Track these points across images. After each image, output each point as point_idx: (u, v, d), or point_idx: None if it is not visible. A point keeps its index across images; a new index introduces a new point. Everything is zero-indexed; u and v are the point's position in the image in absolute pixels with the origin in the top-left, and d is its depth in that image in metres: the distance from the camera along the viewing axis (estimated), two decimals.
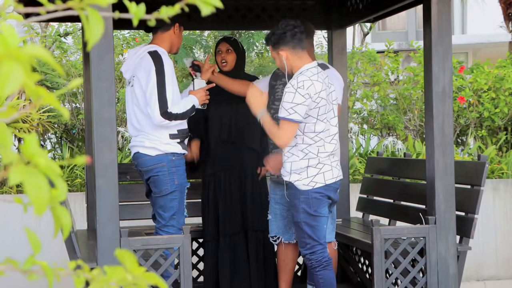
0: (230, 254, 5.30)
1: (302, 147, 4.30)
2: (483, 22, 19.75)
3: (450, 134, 4.48)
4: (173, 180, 4.57)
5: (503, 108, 8.49)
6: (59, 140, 8.37)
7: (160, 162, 4.57)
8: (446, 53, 4.45)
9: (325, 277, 4.39)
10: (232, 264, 5.30)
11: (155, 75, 4.50)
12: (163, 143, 4.58)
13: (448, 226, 4.47)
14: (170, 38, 4.71)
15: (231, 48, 5.34)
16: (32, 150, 1.08)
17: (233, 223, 5.31)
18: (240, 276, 5.31)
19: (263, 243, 5.34)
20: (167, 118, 4.50)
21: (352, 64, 9.33)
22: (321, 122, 4.30)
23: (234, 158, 5.33)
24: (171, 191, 4.57)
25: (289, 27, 4.33)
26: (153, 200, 4.70)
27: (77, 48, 9.29)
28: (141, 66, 4.57)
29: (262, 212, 5.29)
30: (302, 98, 4.19)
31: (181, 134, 4.64)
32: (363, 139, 9.22)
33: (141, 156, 4.60)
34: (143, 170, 4.64)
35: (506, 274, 7.16)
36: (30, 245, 1.16)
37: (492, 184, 7.17)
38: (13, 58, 1.03)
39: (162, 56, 4.56)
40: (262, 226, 5.28)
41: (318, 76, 4.30)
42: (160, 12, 1.23)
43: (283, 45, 4.34)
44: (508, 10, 12.08)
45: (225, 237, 5.30)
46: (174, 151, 4.60)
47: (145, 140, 4.57)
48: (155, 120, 4.50)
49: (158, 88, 4.49)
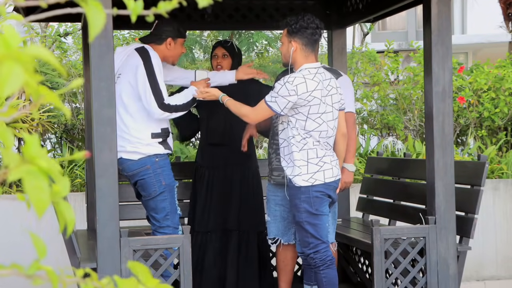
0: (198, 251, 5.26)
1: (298, 138, 4.33)
2: (483, 22, 19.74)
3: (450, 134, 4.48)
4: (159, 181, 4.56)
5: (503, 108, 8.49)
6: (59, 140, 8.37)
7: (144, 165, 4.55)
8: (446, 53, 4.45)
9: (328, 276, 4.39)
10: (199, 262, 5.28)
11: (144, 70, 4.50)
12: (144, 144, 4.54)
13: (448, 226, 4.47)
14: (162, 52, 4.73)
15: (227, 53, 5.37)
16: (33, 151, 1.08)
17: (209, 222, 5.28)
18: (208, 276, 5.27)
19: (246, 244, 5.31)
20: (166, 110, 4.50)
21: (352, 64, 9.33)
22: (313, 122, 4.31)
23: (221, 157, 5.33)
24: (159, 192, 4.57)
25: (313, 25, 4.37)
26: (144, 203, 4.71)
27: (77, 48, 9.29)
28: (127, 63, 4.58)
29: (251, 212, 5.28)
30: (287, 92, 4.23)
31: (164, 133, 4.62)
32: (363, 139, 9.22)
33: (125, 161, 4.58)
34: (128, 175, 4.62)
35: (506, 274, 7.16)
36: (30, 245, 1.16)
37: (492, 184, 7.16)
38: (14, 58, 1.03)
39: (149, 51, 4.58)
40: (246, 227, 5.28)
41: (314, 76, 4.31)
42: (158, 7, 1.23)
43: (299, 37, 4.36)
44: (508, 10, 12.08)
45: (197, 233, 5.27)
46: (157, 152, 4.57)
47: (126, 145, 4.53)
48: (155, 114, 4.49)
49: (150, 82, 4.49)
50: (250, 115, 4.41)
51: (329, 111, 4.37)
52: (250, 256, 5.32)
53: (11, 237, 6.47)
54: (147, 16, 1.24)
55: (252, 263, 5.32)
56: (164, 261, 4.25)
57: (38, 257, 1.13)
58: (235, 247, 5.29)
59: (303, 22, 4.36)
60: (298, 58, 4.38)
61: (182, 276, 4.24)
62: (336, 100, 4.43)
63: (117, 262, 4.08)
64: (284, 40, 4.43)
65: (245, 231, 5.30)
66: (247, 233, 5.30)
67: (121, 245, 4.09)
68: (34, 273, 1.13)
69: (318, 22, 4.42)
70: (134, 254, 4.16)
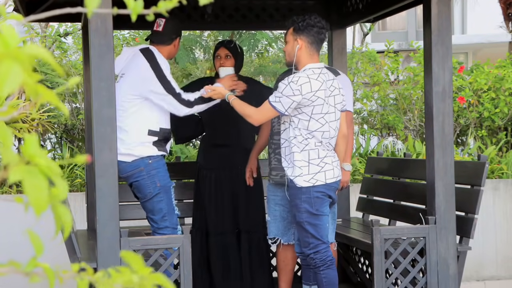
0: (222, 252, 5.29)
1: (300, 139, 4.33)
2: (483, 22, 19.76)
3: (450, 134, 4.48)
4: (154, 183, 4.55)
5: (503, 108, 8.49)
6: (59, 140, 8.37)
7: (137, 168, 4.54)
8: (446, 53, 4.45)
9: (328, 276, 4.39)
10: (225, 262, 5.30)
11: (152, 71, 4.50)
12: (138, 143, 4.51)
13: (448, 226, 4.47)
14: (168, 51, 4.73)
15: (230, 54, 5.33)
16: (32, 151, 1.08)
17: (225, 223, 5.29)
18: (233, 275, 5.30)
19: (256, 245, 5.32)
20: (187, 105, 4.51)
21: (352, 64, 9.33)
22: (316, 122, 4.31)
23: (226, 158, 5.33)
24: (155, 194, 4.55)
25: (320, 25, 4.38)
26: (141, 205, 4.71)
27: (77, 48, 9.29)
28: (133, 62, 4.57)
29: (256, 213, 5.29)
30: (291, 91, 4.22)
31: (162, 133, 4.59)
32: (363, 139, 9.22)
33: (119, 163, 4.57)
34: (123, 176, 4.62)
35: (506, 274, 7.16)
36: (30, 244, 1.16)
37: (492, 184, 7.16)
38: (13, 57, 1.03)
39: (155, 52, 4.58)
40: (255, 228, 5.29)
41: (318, 76, 4.31)
42: (158, 7, 1.23)
43: (305, 35, 4.36)
44: (508, 10, 12.08)
45: (216, 236, 5.29)
46: (150, 154, 4.54)
47: (120, 147, 4.51)
48: (180, 111, 4.52)
49: (161, 81, 4.49)
50: (254, 115, 4.40)
51: (332, 111, 4.38)
52: (261, 258, 5.35)
53: (11, 237, 6.47)
54: (147, 15, 1.24)
55: (264, 265, 5.35)
56: (164, 261, 4.25)
57: (35, 254, 1.13)
58: (245, 249, 5.30)
59: (310, 21, 4.37)
60: (303, 56, 4.38)
61: (182, 276, 4.24)
62: (339, 101, 4.44)
63: (117, 262, 4.08)
64: (290, 38, 4.43)
65: (253, 232, 5.31)
66: (256, 234, 5.31)
67: (121, 245, 4.09)
68: (32, 270, 1.14)
69: (324, 23, 4.42)
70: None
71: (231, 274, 5.30)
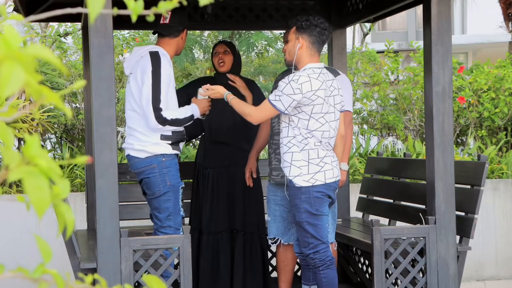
0: (212, 252, 5.27)
1: (300, 138, 4.32)
2: (483, 22, 19.75)
3: (450, 134, 4.48)
4: (164, 181, 4.54)
5: (503, 108, 8.49)
6: (59, 140, 8.37)
7: (150, 164, 4.54)
8: (446, 53, 4.46)
9: (328, 276, 4.39)
10: (214, 263, 5.27)
11: (151, 76, 4.48)
12: (152, 143, 4.52)
13: (448, 226, 4.48)
14: (176, 44, 4.70)
15: (228, 49, 5.35)
16: (33, 151, 1.08)
17: (218, 222, 5.27)
18: (222, 277, 5.27)
19: (250, 246, 5.31)
20: (160, 123, 4.47)
21: (352, 64, 9.34)
22: (316, 121, 4.30)
23: (225, 157, 5.32)
24: (164, 192, 4.55)
25: (323, 26, 4.38)
26: (148, 201, 4.70)
27: (77, 48, 9.29)
28: (139, 64, 4.56)
29: (254, 214, 5.28)
30: (291, 90, 4.22)
31: (175, 136, 4.59)
32: (363, 139, 9.22)
33: (132, 158, 4.58)
34: (134, 172, 4.63)
35: (506, 274, 7.16)
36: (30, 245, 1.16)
37: (492, 184, 7.17)
38: (14, 58, 1.02)
39: (162, 58, 4.52)
40: (251, 229, 5.28)
41: (318, 76, 4.31)
42: (158, 7, 1.23)
43: (307, 35, 4.36)
44: (508, 10, 12.08)
45: (208, 234, 5.27)
46: (164, 152, 4.54)
47: (134, 143, 4.52)
48: (150, 123, 4.47)
49: (153, 90, 4.46)
50: (253, 114, 4.40)
51: (332, 111, 4.38)
52: (254, 260, 5.32)
53: (10, 237, 6.47)
54: (147, 15, 1.24)
55: (256, 266, 5.32)
56: (164, 261, 4.25)
57: (43, 261, 1.12)
58: (240, 249, 5.28)
59: (314, 21, 4.37)
60: (303, 56, 4.38)
61: (182, 276, 4.24)
62: (338, 101, 4.44)
63: (117, 262, 4.08)
64: (292, 37, 4.42)
65: (249, 232, 5.30)
66: (251, 235, 5.29)
67: (121, 245, 4.09)
68: (40, 277, 1.13)
69: (328, 25, 4.42)
70: (134, 254, 4.16)
71: (220, 275, 5.27)
